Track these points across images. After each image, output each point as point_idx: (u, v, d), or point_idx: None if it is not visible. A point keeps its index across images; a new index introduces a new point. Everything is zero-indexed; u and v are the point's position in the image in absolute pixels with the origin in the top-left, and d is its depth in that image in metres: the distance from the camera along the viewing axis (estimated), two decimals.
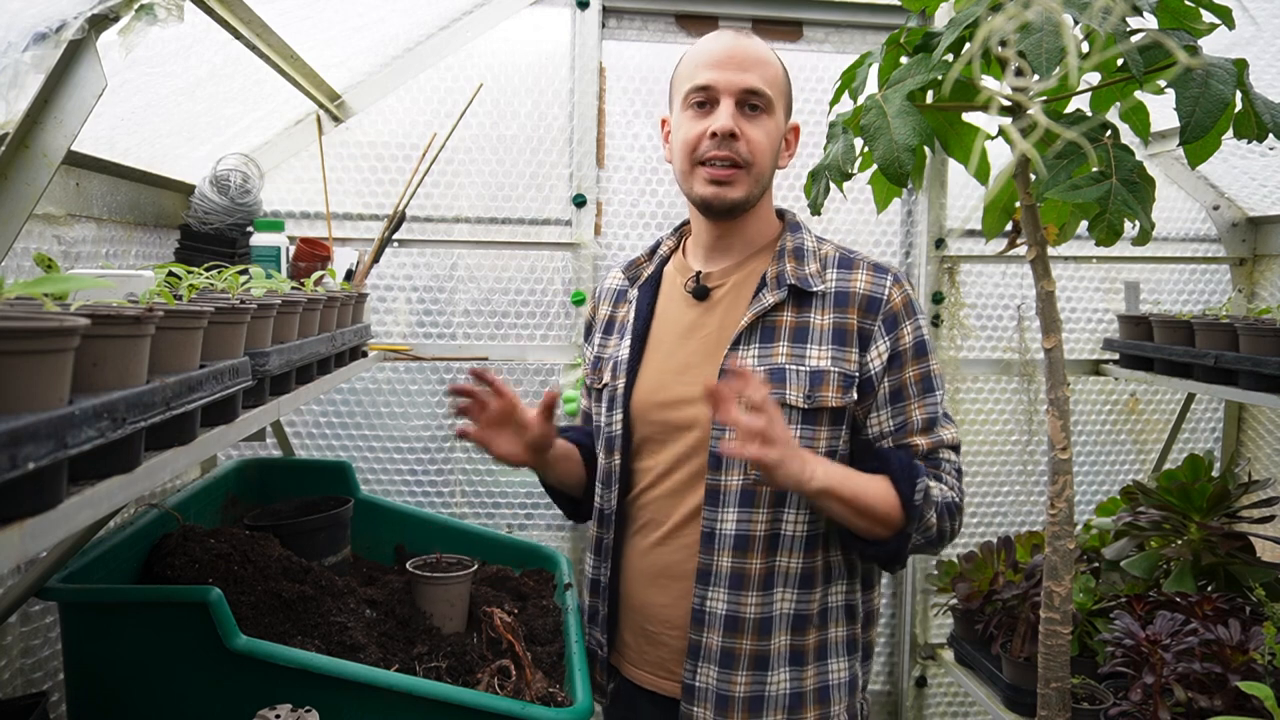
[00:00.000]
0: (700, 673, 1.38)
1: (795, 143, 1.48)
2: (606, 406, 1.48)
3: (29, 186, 1.19)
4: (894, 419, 1.37)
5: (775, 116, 1.39)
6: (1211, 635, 1.62)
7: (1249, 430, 2.78)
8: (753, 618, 1.35)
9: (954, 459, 1.40)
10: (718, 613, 1.36)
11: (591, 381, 1.55)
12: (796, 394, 1.33)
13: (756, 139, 1.36)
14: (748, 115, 1.36)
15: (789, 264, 1.40)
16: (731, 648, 1.36)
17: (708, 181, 1.37)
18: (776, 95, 1.38)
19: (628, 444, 1.45)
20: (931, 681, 2.69)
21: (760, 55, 1.38)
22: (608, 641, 1.50)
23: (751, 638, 1.36)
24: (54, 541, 0.71)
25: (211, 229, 1.95)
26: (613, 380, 1.47)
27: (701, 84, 1.36)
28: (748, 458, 1.18)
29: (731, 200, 1.37)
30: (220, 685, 1.28)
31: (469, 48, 2.38)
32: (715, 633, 1.36)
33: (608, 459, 1.48)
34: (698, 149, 1.37)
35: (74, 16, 1.14)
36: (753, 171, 1.37)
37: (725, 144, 1.34)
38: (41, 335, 0.65)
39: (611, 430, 1.46)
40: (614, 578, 1.48)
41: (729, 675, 1.36)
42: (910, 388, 1.37)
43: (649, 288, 1.51)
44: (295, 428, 2.41)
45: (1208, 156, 1.26)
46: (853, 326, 1.36)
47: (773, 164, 1.41)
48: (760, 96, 1.36)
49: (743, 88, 1.35)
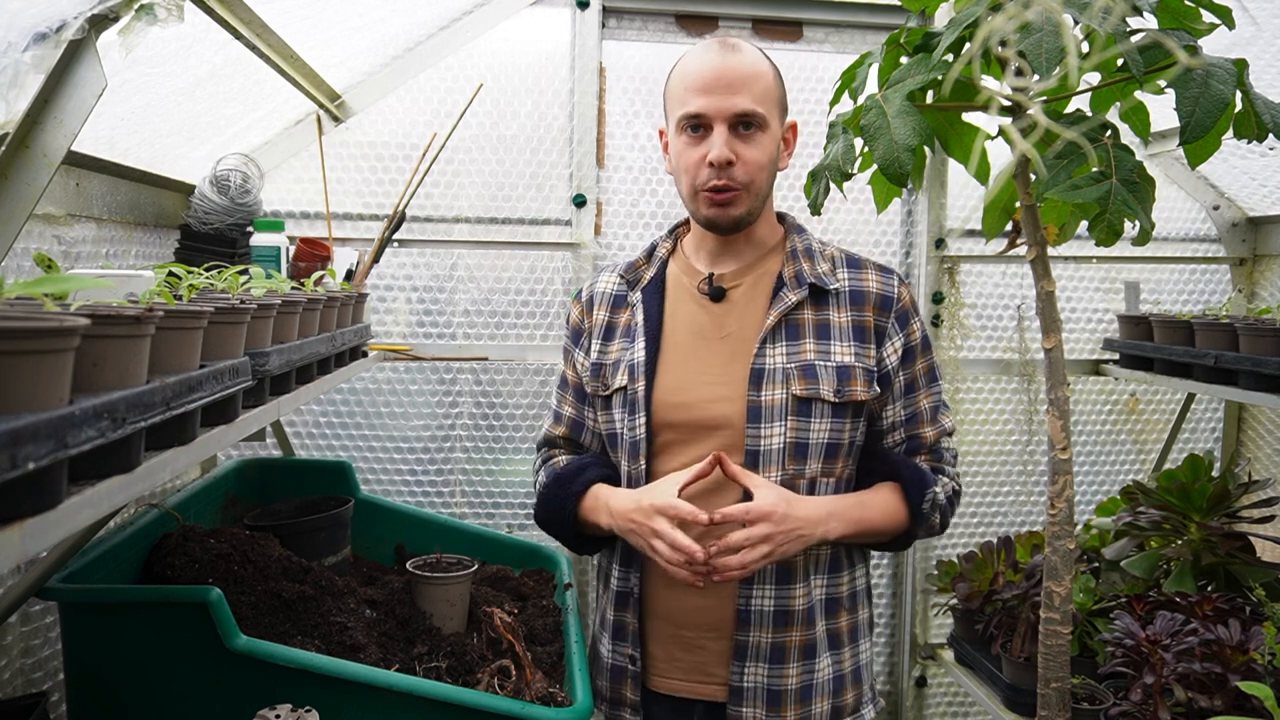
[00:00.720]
0: (749, 673, 1.40)
1: (794, 140, 1.50)
2: (626, 411, 1.46)
3: (29, 186, 1.19)
4: (906, 409, 1.48)
5: (770, 129, 1.40)
6: (1211, 635, 1.62)
7: (1249, 430, 2.78)
8: (801, 609, 1.41)
9: (951, 445, 1.53)
10: (765, 610, 1.40)
11: (594, 389, 1.53)
12: (827, 389, 1.40)
13: (752, 159, 1.39)
14: (741, 136, 1.38)
15: (804, 263, 1.45)
16: (782, 642, 1.40)
17: (710, 205, 1.41)
18: (769, 107, 1.40)
19: (650, 446, 1.45)
20: (931, 681, 2.69)
21: (748, 71, 1.38)
22: (639, 655, 1.47)
23: (801, 628, 1.41)
24: (54, 541, 0.71)
25: (211, 229, 1.95)
26: (630, 384, 1.46)
27: (693, 112, 1.38)
28: (754, 570, 1.32)
29: (734, 218, 1.42)
30: (220, 685, 1.28)
31: (469, 48, 2.38)
32: (764, 631, 1.40)
33: (632, 464, 1.46)
34: (697, 177, 1.40)
35: (74, 16, 1.14)
36: (752, 190, 1.41)
37: (722, 173, 1.38)
38: (41, 335, 0.65)
39: (635, 435, 1.45)
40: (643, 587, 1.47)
41: (780, 669, 1.40)
42: (920, 379, 1.49)
43: (654, 290, 1.51)
44: (295, 428, 2.41)
45: (1208, 156, 1.26)
46: (870, 324, 1.45)
47: (771, 174, 1.44)
48: (752, 116, 1.37)
49: (733, 113, 1.36)
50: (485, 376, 2.49)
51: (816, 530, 1.34)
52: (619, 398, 1.48)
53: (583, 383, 1.57)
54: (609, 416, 1.51)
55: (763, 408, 1.39)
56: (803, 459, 1.40)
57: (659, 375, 1.45)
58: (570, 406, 1.60)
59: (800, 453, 1.40)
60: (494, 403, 2.49)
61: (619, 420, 1.48)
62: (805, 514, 1.34)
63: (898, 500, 1.43)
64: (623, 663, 1.49)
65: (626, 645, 1.48)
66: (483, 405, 2.49)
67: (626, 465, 1.48)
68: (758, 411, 1.39)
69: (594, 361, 1.53)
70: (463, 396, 2.49)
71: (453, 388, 2.48)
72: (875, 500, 1.43)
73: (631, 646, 1.47)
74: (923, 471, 1.45)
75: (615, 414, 1.49)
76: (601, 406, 1.53)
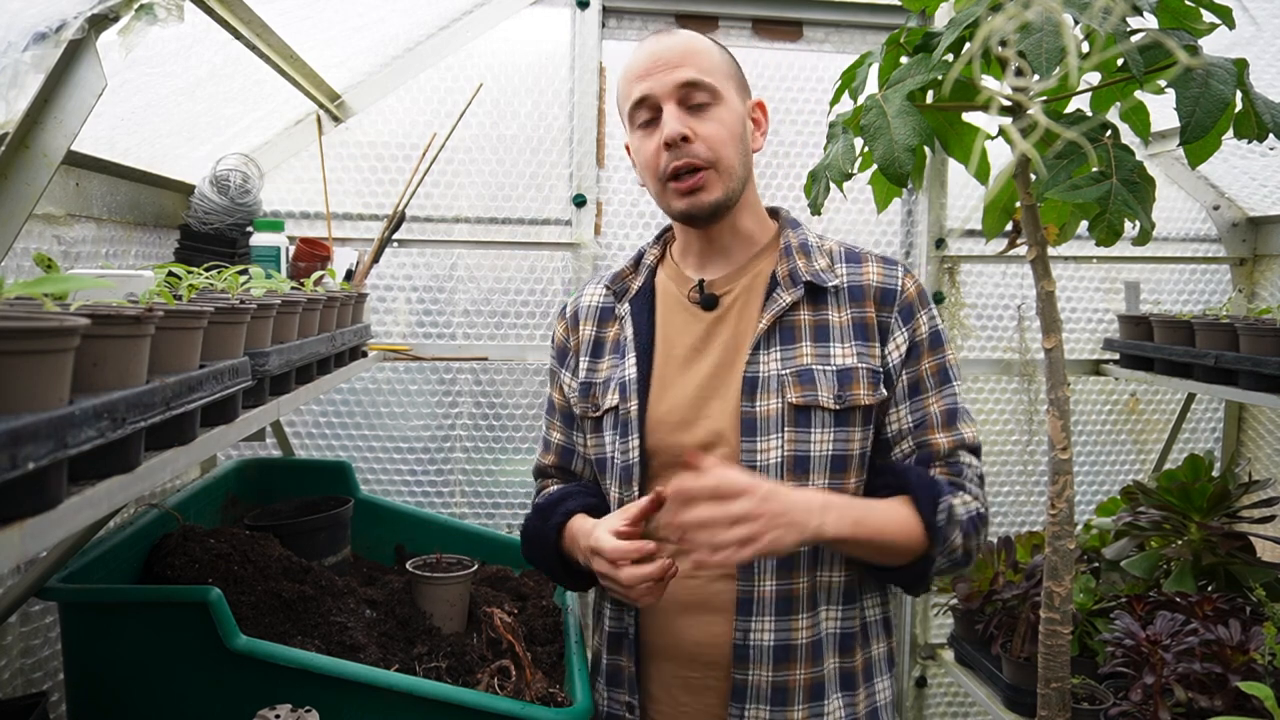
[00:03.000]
0: (749, 715, 1.26)
1: (765, 120, 1.38)
2: (619, 433, 1.33)
3: (29, 186, 1.19)
4: (913, 414, 1.30)
5: (727, 101, 1.29)
6: (1211, 635, 1.62)
7: (1249, 430, 2.78)
8: (804, 643, 1.26)
9: (975, 464, 1.32)
10: (764, 644, 1.25)
11: (584, 410, 1.39)
12: (826, 395, 1.26)
13: (711, 133, 1.27)
14: (694, 113, 1.27)
15: (799, 260, 1.33)
16: (784, 681, 1.25)
17: (679, 195, 1.29)
18: (721, 79, 1.29)
19: (645, 471, 1.32)
20: (931, 681, 2.69)
21: (687, 47, 1.29)
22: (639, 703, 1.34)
23: (805, 665, 1.26)
24: (54, 541, 0.71)
25: (211, 229, 1.95)
26: (622, 403, 1.33)
27: (638, 97, 1.29)
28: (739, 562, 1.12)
29: (710, 203, 1.29)
30: (220, 685, 1.28)
31: (469, 48, 2.38)
32: (764, 668, 1.25)
33: (624, 490, 1.32)
34: (659, 166, 1.28)
35: (74, 16, 1.14)
36: (721, 167, 1.28)
37: (681, 151, 1.26)
38: (41, 335, 0.65)
39: (628, 459, 1.32)
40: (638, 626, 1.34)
41: (783, 712, 1.25)
42: (927, 380, 1.31)
43: (643, 301, 1.39)
44: (295, 428, 2.41)
45: (1208, 156, 1.26)
46: (872, 320, 1.31)
47: (742, 150, 1.31)
48: (700, 87, 1.27)
49: (677, 84, 1.26)
50: (485, 376, 2.49)
51: (810, 520, 1.14)
52: (610, 418, 1.35)
53: (570, 405, 1.44)
54: (599, 440, 1.38)
55: (758, 419, 1.26)
56: (805, 473, 1.25)
57: (652, 393, 1.32)
58: (559, 432, 1.47)
59: (801, 466, 1.25)
60: (494, 403, 2.49)
61: (609, 443, 1.35)
62: (796, 498, 1.16)
63: (908, 511, 1.23)
64: (620, 711, 1.35)
65: (623, 692, 1.35)
66: (482, 405, 2.49)
67: (617, 492, 1.33)
68: (753, 424, 1.26)
69: (583, 380, 1.41)
70: (462, 396, 2.48)
71: (452, 388, 2.48)
72: (883, 506, 1.24)
73: (628, 693, 1.34)
74: (934, 479, 1.26)
75: (606, 436, 1.36)
76: (592, 429, 1.39)
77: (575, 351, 1.44)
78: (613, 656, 1.36)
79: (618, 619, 1.35)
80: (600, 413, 1.37)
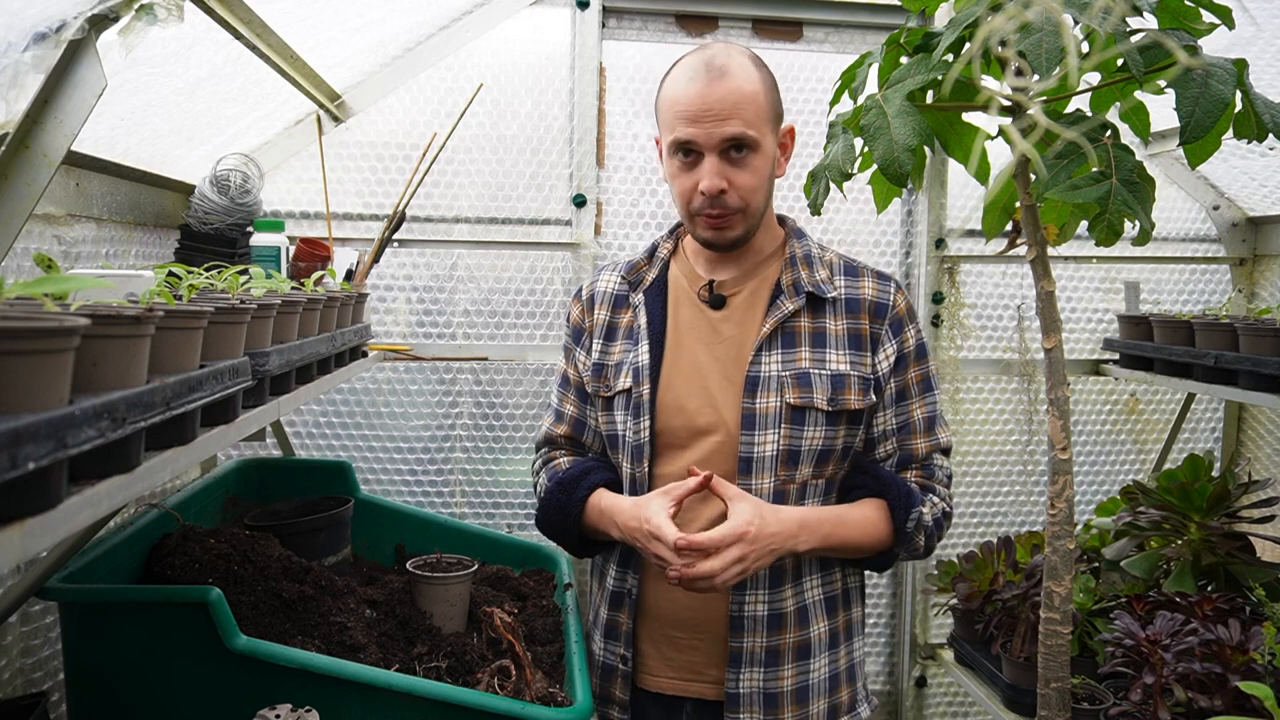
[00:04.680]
0: (744, 678, 1.42)
1: (792, 144, 1.49)
2: (631, 413, 1.47)
3: (29, 186, 1.19)
4: (897, 418, 1.47)
5: (763, 148, 1.39)
6: (1211, 635, 1.62)
7: (1249, 430, 2.78)
8: (792, 610, 1.43)
9: (945, 465, 1.51)
10: (759, 615, 1.41)
11: (596, 389, 1.53)
12: (821, 397, 1.41)
13: (745, 183, 1.38)
14: (733, 160, 1.37)
15: (802, 271, 1.46)
16: (776, 645, 1.42)
17: (706, 228, 1.42)
18: (761, 126, 1.38)
19: (654, 449, 1.46)
20: (931, 681, 2.69)
21: (737, 93, 1.35)
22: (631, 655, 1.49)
23: (794, 630, 1.43)
24: (54, 541, 0.71)
25: (211, 229, 1.95)
26: (635, 386, 1.46)
27: (683, 139, 1.37)
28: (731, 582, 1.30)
29: (731, 239, 1.43)
30: (220, 685, 1.28)
31: (469, 48, 2.38)
32: (758, 636, 1.41)
33: (635, 467, 1.47)
34: (691, 203, 1.41)
35: (74, 16, 1.14)
36: (749, 212, 1.41)
37: (715, 201, 1.38)
38: (41, 335, 0.65)
39: (639, 438, 1.46)
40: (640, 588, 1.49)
41: (775, 672, 1.42)
42: (912, 388, 1.48)
43: (656, 292, 1.52)
44: (295, 428, 2.41)
45: (1208, 156, 1.26)
46: (865, 331, 1.45)
47: (768, 192, 1.44)
48: (744, 139, 1.36)
49: (723, 138, 1.35)
50: (485, 376, 2.49)
51: (787, 544, 1.34)
52: (622, 400, 1.49)
53: (584, 382, 1.57)
54: (610, 418, 1.51)
55: (757, 415, 1.40)
56: (794, 465, 1.41)
57: (662, 379, 1.46)
58: (572, 405, 1.60)
59: (792, 459, 1.41)
60: (494, 403, 2.49)
61: (620, 422, 1.49)
62: (777, 529, 1.33)
63: (881, 516, 1.42)
64: (614, 661, 1.51)
65: (619, 645, 1.50)
66: (483, 405, 2.49)
67: (629, 468, 1.48)
68: (752, 419, 1.40)
69: (595, 362, 1.53)
70: (463, 396, 2.49)
71: (453, 388, 2.48)
72: (854, 516, 1.42)
73: (624, 646, 1.49)
74: (910, 489, 1.44)
75: (617, 416, 1.50)
76: (603, 408, 1.53)
77: (589, 333, 1.57)
78: (613, 613, 1.52)
79: (621, 579, 1.50)
80: (612, 394, 1.50)
